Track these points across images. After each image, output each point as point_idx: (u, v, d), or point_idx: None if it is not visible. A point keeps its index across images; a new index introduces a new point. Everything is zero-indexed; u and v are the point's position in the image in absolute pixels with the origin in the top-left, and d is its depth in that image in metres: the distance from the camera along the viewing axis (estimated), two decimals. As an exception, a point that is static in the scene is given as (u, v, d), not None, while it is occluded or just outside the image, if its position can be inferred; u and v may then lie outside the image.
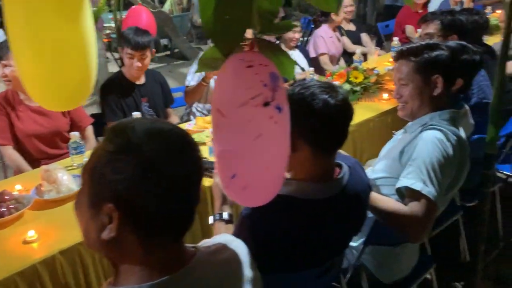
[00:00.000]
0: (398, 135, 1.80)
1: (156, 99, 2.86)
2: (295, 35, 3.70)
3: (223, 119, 0.87)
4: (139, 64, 2.63)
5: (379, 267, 1.72)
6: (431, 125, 1.57)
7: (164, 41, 8.59)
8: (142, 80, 2.81)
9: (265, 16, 0.85)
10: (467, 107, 2.10)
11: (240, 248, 0.92)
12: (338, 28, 4.32)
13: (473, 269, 2.10)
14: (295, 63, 1.38)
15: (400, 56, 1.68)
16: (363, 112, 2.69)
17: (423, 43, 1.68)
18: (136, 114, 2.31)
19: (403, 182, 1.48)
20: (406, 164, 1.53)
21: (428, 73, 1.62)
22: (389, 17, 5.99)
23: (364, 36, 4.53)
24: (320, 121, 1.16)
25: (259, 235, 1.12)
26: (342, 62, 4.26)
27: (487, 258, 2.46)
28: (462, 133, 1.68)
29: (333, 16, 4.07)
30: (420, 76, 1.62)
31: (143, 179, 0.70)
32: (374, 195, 1.53)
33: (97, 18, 3.82)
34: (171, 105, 3.03)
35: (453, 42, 1.71)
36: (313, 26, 5.28)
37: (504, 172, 2.69)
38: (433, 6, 5.45)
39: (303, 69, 3.69)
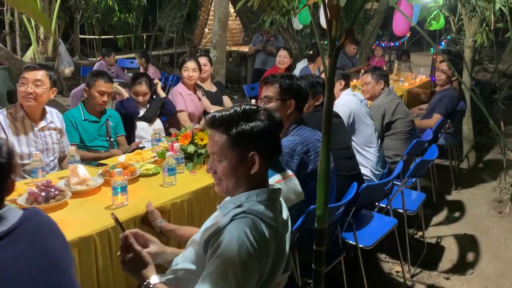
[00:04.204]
0: (217, 211, 1.54)
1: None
2: (138, 98, 3.58)
3: None
4: None
5: None
6: (243, 212, 1.31)
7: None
8: None
9: None
10: (289, 172, 1.96)
11: None
12: (199, 87, 4.18)
13: None
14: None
15: (211, 125, 1.40)
16: (205, 178, 2.44)
17: (238, 109, 1.41)
18: None
19: (200, 286, 1.20)
20: (209, 259, 1.25)
21: (244, 150, 1.36)
22: (258, 80, 6.13)
23: (225, 98, 4.46)
24: None
25: None
26: (203, 121, 4.09)
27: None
28: (284, 211, 1.47)
29: (184, 74, 3.91)
30: (235, 152, 1.36)
31: None
32: None
33: None
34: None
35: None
36: (170, 83, 5.16)
37: (350, 242, 2.60)
38: (296, 72, 5.68)
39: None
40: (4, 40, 8.85)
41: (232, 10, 11.08)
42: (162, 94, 3.88)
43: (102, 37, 12.62)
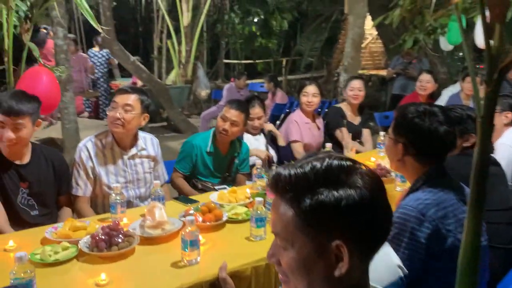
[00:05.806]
0: None
1: (43, 185, 2.21)
2: (254, 122, 3.18)
3: None
4: (11, 135, 2.03)
5: None
6: None
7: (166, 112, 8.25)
8: (25, 159, 2.17)
9: None
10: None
11: None
12: (319, 115, 3.68)
13: None
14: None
15: (274, 187, 0.86)
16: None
17: (319, 166, 0.82)
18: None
19: None
20: None
21: (323, 236, 0.81)
22: (395, 108, 5.39)
23: (365, 132, 3.77)
24: None
25: None
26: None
27: None
28: None
29: (303, 99, 3.44)
30: (308, 238, 0.81)
31: None
32: None
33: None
34: (67, 193, 2.34)
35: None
36: (295, 108, 4.74)
37: None
38: (442, 100, 4.81)
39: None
40: (152, 63, 9.60)
41: (375, 32, 10.45)
42: (282, 141, 3.45)
43: (243, 61, 13.01)
